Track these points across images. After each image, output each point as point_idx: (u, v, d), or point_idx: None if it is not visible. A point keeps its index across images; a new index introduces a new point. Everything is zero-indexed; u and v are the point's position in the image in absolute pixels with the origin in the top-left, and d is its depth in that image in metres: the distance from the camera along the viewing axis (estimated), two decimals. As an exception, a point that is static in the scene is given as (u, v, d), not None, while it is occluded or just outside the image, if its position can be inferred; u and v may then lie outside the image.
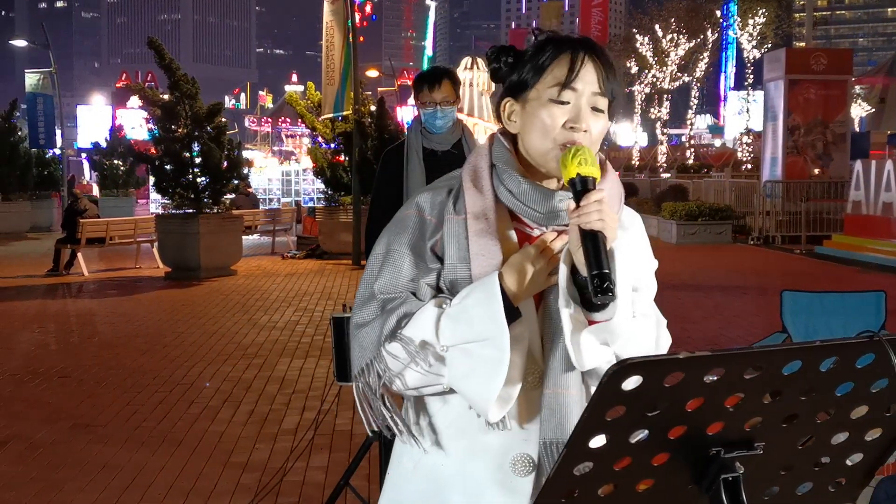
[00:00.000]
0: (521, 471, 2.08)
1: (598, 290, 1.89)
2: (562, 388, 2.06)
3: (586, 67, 2.11)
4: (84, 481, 6.24)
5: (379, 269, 2.14)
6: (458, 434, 2.12)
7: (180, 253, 17.61)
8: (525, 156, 2.17)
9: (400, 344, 2.03)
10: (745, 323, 11.90)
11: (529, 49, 2.18)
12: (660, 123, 58.23)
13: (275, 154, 74.71)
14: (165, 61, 18.02)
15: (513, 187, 2.13)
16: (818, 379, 1.57)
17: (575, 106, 2.10)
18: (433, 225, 2.14)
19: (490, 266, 2.05)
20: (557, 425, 2.05)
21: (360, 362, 2.11)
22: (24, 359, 10.41)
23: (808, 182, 24.61)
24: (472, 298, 2.01)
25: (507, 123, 2.19)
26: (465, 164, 2.22)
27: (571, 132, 2.08)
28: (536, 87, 2.12)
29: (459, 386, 2.02)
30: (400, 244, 2.14)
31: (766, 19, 45.02)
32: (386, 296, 2.10)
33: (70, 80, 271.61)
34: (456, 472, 2.11)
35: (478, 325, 1.98)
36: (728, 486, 1.58)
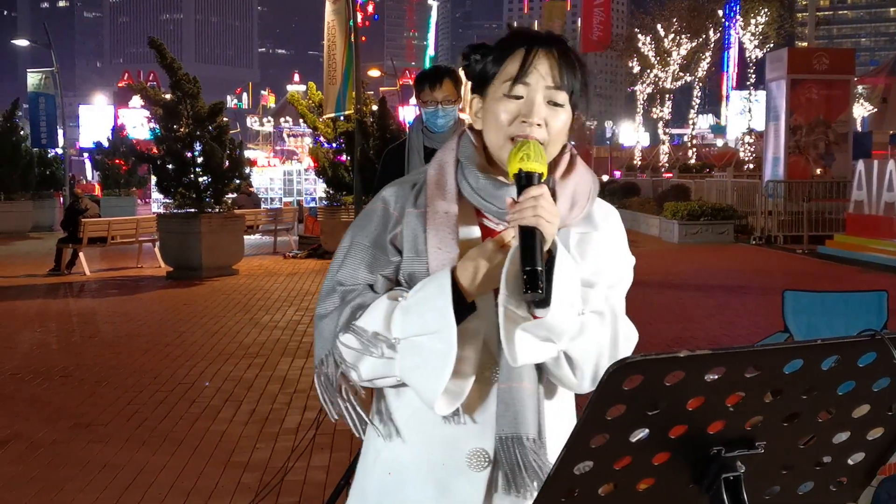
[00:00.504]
0: (476, 465, 2.08)
1: (527, 286, 1.88)
2: (516, 381, 2.06)
3: (540, 62, 2.10)
4: (85, 481, 6.24)
5: (341, 262, 2.16)
6: (416, 427, 2.12)
7: (182, 252, 17.62)
8: (491, 151, 2.17)
9: (353, 335, 2.04)
10: (747, 322, 11.88)
11: (493, 46, 2.19)
12: (662, 123, 58.23)
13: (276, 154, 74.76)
14: (167, 61, 18.03)
15: (472, 182, 2.13)
16: (820, 378, 1.56)
17: (528, 100, 2.09)
18: (395, 218, 2.15)
19: (447, 260, 2.06)
20: (512, 419, 2.05)
21: (320, 353, 2.12)
22: (26, 358, 10.41)
23: (810, 182, 24.60)
24: (425, 292, 2.01)
25: (474, 121, 2.21)
26: (432, 161, 2.22)
27: (524, 126, 2.08)
28: (494, 82, 2.13)
29: (408, 378, 2.03)
30: (363, 237, 2.16)
31: (769, 19, 45.05)
32: (346, 287, 2.12)
33: (72, 79, 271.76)
34: (413, 465, 2.12)
35: (428, 319, 1.98)
36: (729, 486, 1.57)
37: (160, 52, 18.00)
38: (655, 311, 13.17)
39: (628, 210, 30.85)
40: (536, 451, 2.06)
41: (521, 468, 2.05)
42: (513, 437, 2.05)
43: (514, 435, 2.05)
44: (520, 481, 2.06)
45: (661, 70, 54.27)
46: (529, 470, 2.05)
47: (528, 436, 2.06)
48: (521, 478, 2.05)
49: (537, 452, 2.06)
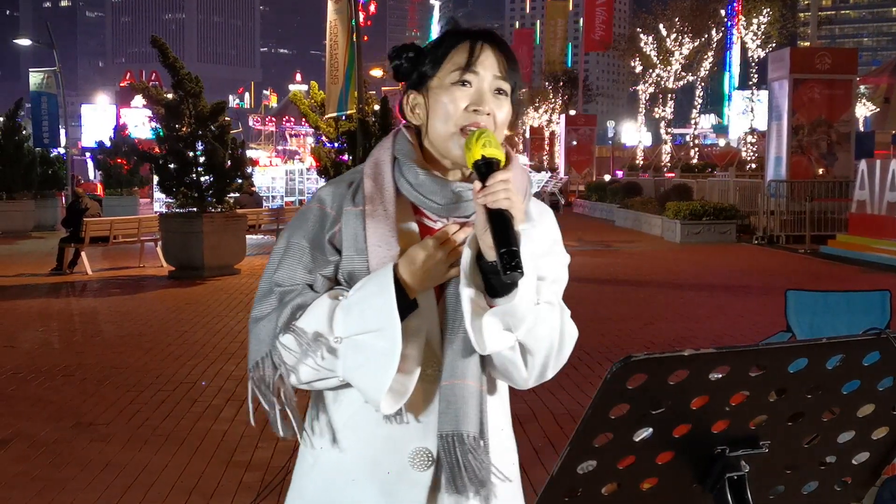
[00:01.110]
0: (420, 464, 2.07)
1: (507, 267, 1.86)
2: (459, 378, 2.05)
3: (486, 53, 2.12)
4: (86, 480, 6.23)
5: (278, 263, 2.14)
6: (357, 429, 2.10)
7: (184, 252, 17.61)
8: (429, 148, 2.17)
9: (293, 336, 2.03)
10: (750, 322, 11.87)
11: (429, 44, 2.20)
12: (664, 123, 58.17)
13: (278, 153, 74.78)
14: (169, 60, 18.02)
15: (411, 178, 2.13)
16: (824, 377, 1.55)
17: (477, 89, 2.11)
18: (332, 217, 2.13)
19: (387, 257, 2.05)
20: (454, 417, 2.04)
21: (256, 355, 2.09)
22: (28, 357, 10.40)
23: (812, 182, 24.57)
24: (366, 290, 2.01)
25: (410, 117, 2.20)
26: (368, 159, 2.22)
27: (474, 115, 2.09)
28: (438, 74, 2.13)
29: (352, 377, 2.01)
30: (299, 237, 2.14)
31: (771, 18, 44.98)
32: (283, 288, 2.09)
33: (74, 79, 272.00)
34: (354, 466, 2.10)
35: (370, 317, 1.97)
36: (733, 485, 1.57)
37: (163, 52, 17.99)
38: (658, 310, 13.16)
39: (630, 210, 30.83)
40: (476, 449, 2.04)
41: (461, 467, 2.03)
42: (454, 434, 2.03)
43: (455, 433, 2.03)
44: (460, 481, 2.03)
45: (663, 70, 54.26)
46: (468, 469, 2.03)
47: (468, 433, 2.04)
48: (462, 477, 2.03)
49: (477, 451, 2.04)
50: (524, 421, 7.45)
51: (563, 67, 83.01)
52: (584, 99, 74.80)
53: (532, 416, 7.58)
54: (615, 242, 24.82)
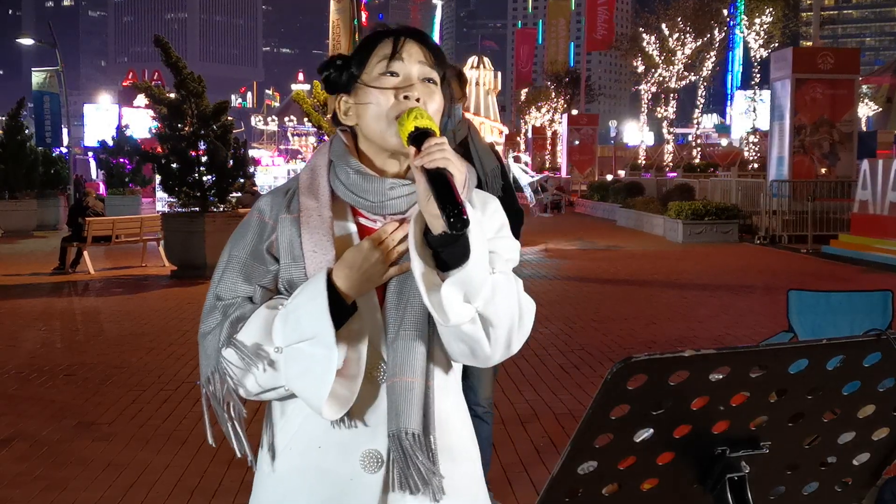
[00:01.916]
0: (370, 467, 2.06)
1: (455, 222, 1.84)
2: (404, 376, 2.04)
3: (409, 44, 2.13)
4: (88, 479, 6.24)
5: (220, 277, 2.13)
6: (307, 437, 2.09)
7: (186, 251, 17.61)
8: (365, 147, 2.17)
9: (234, 350, 2.03)
10: (752, 322, 11.87)
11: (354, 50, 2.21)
12: (666, 122, 58.15)
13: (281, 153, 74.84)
14: (172, 60, 18.03)
15: (343, 178, 2.13)
16: (825, 378, 1.56)
17: (405, 76, 2.11)
18: (270, 226, 2.13)
19: (323, 262, 2.04)
20: (399, 415, 2.03)
21: (206, 371, 2.10)
22: (30, 357, 10.41)
23: (814, 181, 24.55)
24: (300, 297, 2.00)
25: (344, 119, 2.19)
26: (306, 164, 2.22)
27: (406, 102, 2.08)
28: (365, 71, 2.13)
29: (294, 386, 2.01)
30: (239, 249, 2.13)
31: (773, 18, 44.97)
32: (225, 302, 2.09)
33: (76, 78, 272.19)
34: (306, 474, 2.09)
35: (305, 325, 1.96)
36: (733, 486, 1.57)
37: (165, 51, 18.00)
38: (659, 310, 13.16)
39: (632, 210, 30.82)
40: (420, 447, 2.03)
41: (408, 466, 2.02)
42: (401, 432, 2.03)
43: (402, 430, 2.03)
44: (410, 479, 2.03)
45: (665, 69, 54.25)
46: (413, 468, 2.02)
47: (407, 430, 2.02)
48: (410, 476, 2.03)
49: (421, 449, 2.03)
50: (525, 420, 7.45)
51: (566, 67, 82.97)
52: (586, 98, 74.76)
53: (533, 416, 7.58)
54: (617, 242, 24.80)
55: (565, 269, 18.35)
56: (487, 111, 57.68)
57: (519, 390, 8.40)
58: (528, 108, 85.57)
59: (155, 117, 19.20)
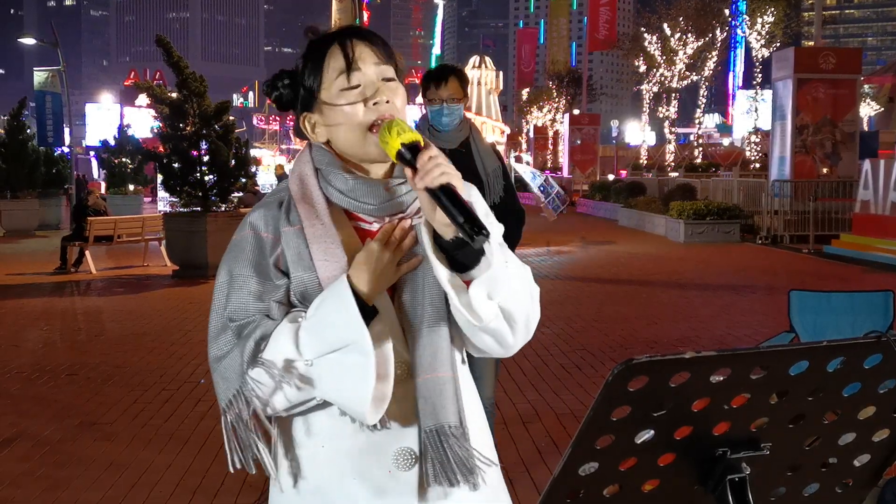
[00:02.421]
0: (404, 465, 2.06)
1: (473, 233, 1.86)
2: (431, 372, 2.05)
3: (358, 48, 2.12)
4: (90, 479, 6.24)
5: (226, 297, 2.10)
6: (334, 446, 2.08)
7: (188, 251, 17.62)
8: (345, 156, 2.16)
9: (263, 369, 1.99)
10: (753, 322, 11.86)
11: (297, 64, 2.19)
12: (668, 122, 58.17)
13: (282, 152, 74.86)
14: (173, 59, 18.04)
15: (341, 186, 2.11)
16: (825, 379, 1.56)
17: (367, 83, 2.10)
18: (271, 241, 2.10)
19: (336, 269, 2.04)
20: (433, 411, 2.04)
21: (227, 394, 2.05)
22: (32, 356, 10.42)
23: (816, 181, 24.53)
24: (326, 307, 1.98)
25: (313, 137, 2.18)
26: (289, 176, 2.20)
27: (375, 108, 2.09)
28: (323, 86, 2.12)
29: (332, 397, 2.00)
30: (241, 267, 2.10)
31: (775, 18, 44.97)
32: (239, 322, 2.06)
33: (78, 78, 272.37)
34: (339, 483, 2.07)
35: (337, 333, 1.95)
36: (734, 487, 1.57)
37: (167, 51, 18.01)
38: (661, 310, 13.16)
39: (634, 209, 30.80)
40: (459, 439, 2.05)
41: (450, 459, 2.03)
42: (437, 427, 2.04)
43: (437, 426, 2.04)
44: (449, 473, 2.03)
45: (667, 69, 54.26)
46: (456, 459, 2.03)
47: (449, 424, 2.04)
48: (450, 469, 2.03)
49: (460, 440, 2.05)
50: (527, 420, 7.46)
51: (567, 66, 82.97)
52: (587, 98, 74.76)
53: (535, 416, 7.58)
54: (618, 242, 24.80)
55: (567, 269, 18.35)
56: (489, 111, 57.75)
57: (521, 390, 8.41)
58: (529, 107, 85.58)
59: (157, 117, 19.21)
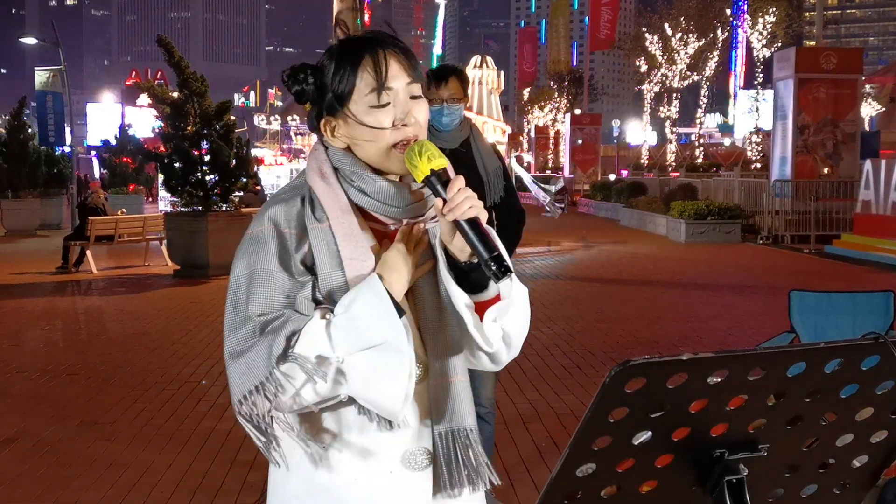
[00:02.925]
0: (418, 465, 2.08)
1: (498, 273, 1.91)
2: (448, 377, 2.08)
3: (391, 63, 2.11)
4: (91, 479, 6.25)
5: (248, 292, 2.05)
6: (349, 442, 2.08)
7: (189, 251, 17.63)
8: (364, 160, 2.15)
9: (296, 364, 1.96)
10: (754, 322, 11.86)
11: (325, 62, 2.17)
12: (669, 122, 58.15)
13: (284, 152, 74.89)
14: (175, 59, 18.05)
15: (367, 187, 2.11)
16: (823, 380, 1.56)
17: (397, 103, 2.11)
18: (296, 237, 2.08)
19: (364, 268, 2.04)
20: (450, 414, 2.07)
21: (247, 386, 2.00)
22: (33, 356, 10.42)
23: (817, 181, 24.53)
24: (361, 304, 1.98)
25: (332, 140, 2.17)
26: (307, 173, 2.18)
27: (404, 129, 2.09)
28: (352, 101, 2.11)
29: (363, 393, 1.99)
30: (264, 263, 2.06)
31: (777, 18, 44.95)
32: (265, 317, 2.02)
33: (80, 77, 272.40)
34: (352, 480, 2.08)
35: (373, 330, 1.95)
36: (732, 488, 1.57)
37: (168, 51, 18.02)
38: (662, 310, 13.16)
39: (635, 209, 30.80)
40: (474, 441, 2.08)
41: (460, 462, 2.05)
42: (452, 431, 2.06)
43: (452, 429, 2.06)
44: (459, 476, 2.06)
45: (668, 69, 54.24)
46: (467, 462, 2.06)
47: (467, 427, 2.07)
48: (459, 471, 2.05)
49: (475, 444, 2.08)
50: (527, 420, 7.46)
51: (569, 66, 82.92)
52: (589, 98, 74.74)
53: (535, 416, 7.58)
54: (620, 242, 24.80)
55: (568, 269, 18.35)
56: (490, 110, 57.65)
57: (521, 390, 8.41)
58: (530, 107, 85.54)
59: (158, 116, 19.22)
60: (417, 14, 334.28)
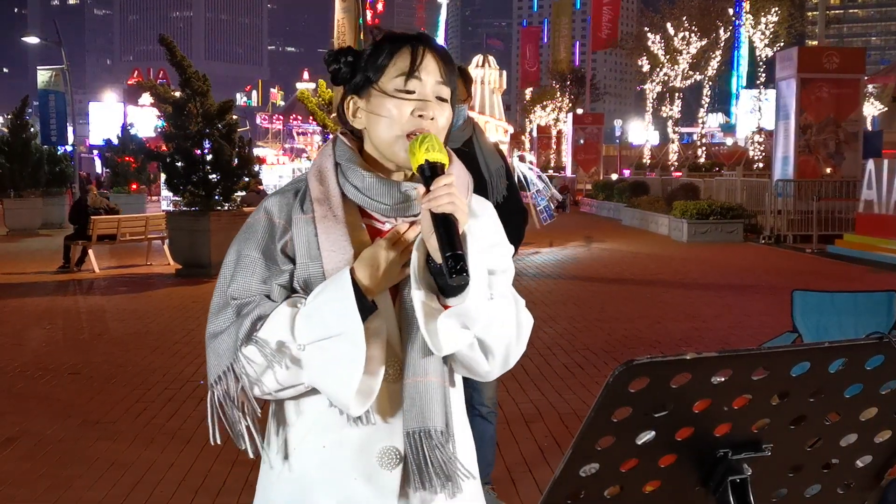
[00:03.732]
0: (387, 464, 2.08)
1: (452, 272, 1.90)
2: (421, 376, 2.07)
3: (427, 58, 2.15)
4: (93, 478, 6.25)
5: (231, 276, 2.13)
6: (320, 435, 2.10)
7: (191, 250, 17.64)
8: (371, 152, 2.19)
9: (256, 347, 2.02)
10: (756, 322, 11.86)
11: (367, 48, 2.21)
12: (671, 122, 58.19)
13: (286, 151, 74.92)
14: (177, 58, 18.06)
15: (357, 182, 2.14)
16: (827, 380, 1.56)
17: (420, 95, 2.13)
18: (282, 227, 2.14)
19: (341, 261, 2.06)
20: (419, 414, 2.06)
21: (217, 370, 2.08)
22: (35, 355, 10.43)
23: (819, 181, 24.54)
24: (325, 295, 2.01)
25: (352, 121, 2.21)
26: (311, 166, 2.23)
27: (419, 120, 2.11)
28: (380, 80, 2.14)
29: (319, 383, 2.02)
30: (250, 249, 2.13)
31: (779, 18, 44.96)
32: (240, 301, 2.09)
33: (82, 77, 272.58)
34: (321, 472, 2.10)
35: (332, 322, 1.98)
36: (736, 488, 1.57)
37: (170, 50, 18.03)
38: (664, 310, 13.16)
39: (637, 209, 30.81)
40: (443, 444, 2.07)
41: (429, 464, 2.06)
42: (420, 431, 2.06)
43: (421, 429, 2.06)
44: (427, 477, 2.06)
45: (670, 69, 54.26)
46: (435, 464, 2.06)
47: (435, 429, 2.06)
48: (429, 473, 2.06)
49: (444, 445, 2.07)
50: (529, 420, 7.46)
51: (570, 66, 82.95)
52: (591, 98, 74.79)
53: (538, 416, 7.58)
54: (622, 241, 24.81)
55: (570, 269, 18.35)
56: (493, 110, 57.65)
57: (523, 390, 8.40)
58: (533, 107, 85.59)
59: (160, 116, 19.23)
60: (419, 13, 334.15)
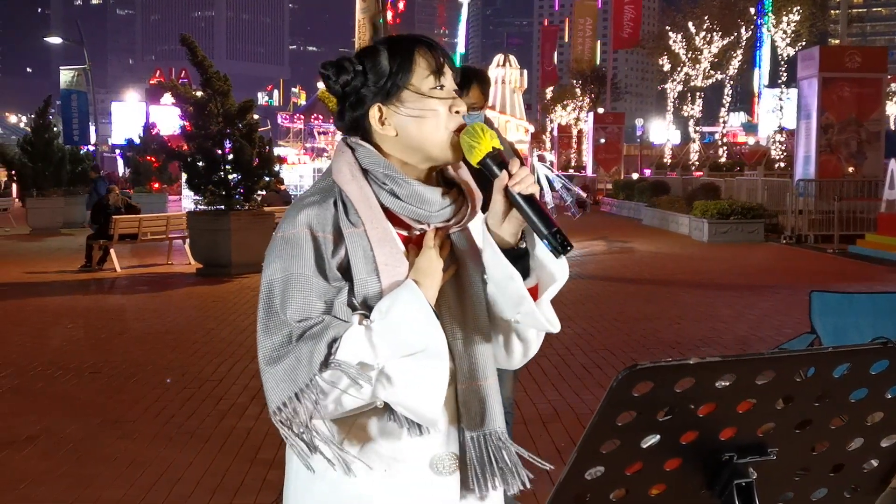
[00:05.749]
0: (445, 469, 2.09)
1: (561, 246, 1.94)
2: (480, 380, 2.09)
3: (445, 58, 2.16)
4: (112, 477, 6.28)
5: (283, 297, 2.03)
6: (377, 449, 2.08)
7: (212, 249, 17.69)
8: (401, 156, 2.13)
9: (339, 370, 1.94)
10: (776, 323, 11.82)
11: (373, 55, 2.15)
12: (692, 121, 58.00)
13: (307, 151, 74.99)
14: (198, 58, 18.10)
15: (401, 190, 2.09)
16: (832, 385, 1.56)
17: (449, 90, 2.13)
18: (332, 241, 2.06)
19: (397, 274, 2.03)
20: (480, 418, 2.08)
21: (286, 393, 1.98)
22: (55, 354, 10.48)
23: (841, 181, 24.40)
24: (401, 310, 1.98)
25: (380, 129, 2.12)
26: (336, 175, 2.14)
27: (457, 115, 2.11)
28: (411, 83, 2.10)
29: (402, 401, 1.98)
30: (299, 267, 2.03)
31: (801, 17, 44.75)
32: (303, 323, 2.00)
33: (104, 76, 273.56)
34: (380, 484, 2.07)
35: (412, 338, 1.96)
36: (741, 492, 1.58)
37: (191, 50, 18.08)
38: (684, 310, 13.12)
39: (658, 209, 30.71)
40: (506, 443, 2.10)
41: (493, 463, 2.07)
42: (483, 434, 2.08)
43: (484, 433, 2.08)
44: (493, 477, 2.08)
45: (691, 68, 54.09)
46: (501, 463, 2.08)
47: (498, 431, 2.09)
48: (492, 474, 2.08)
49: (508, 445, 2.10)
50: (547, 420, 7.46)
51: (592, 65, 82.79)
52: (612, 97, 74.61)
53: (555, 416, 7.58)
54: (642, 241, 24.74)
55: (589, 268, 18.32)
56: (513, 109, 57.63)
57: (541, 390, 8.40)
58: (553, 106, 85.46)
59: (182, 115, 19.30)
60: (441, 13, 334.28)
